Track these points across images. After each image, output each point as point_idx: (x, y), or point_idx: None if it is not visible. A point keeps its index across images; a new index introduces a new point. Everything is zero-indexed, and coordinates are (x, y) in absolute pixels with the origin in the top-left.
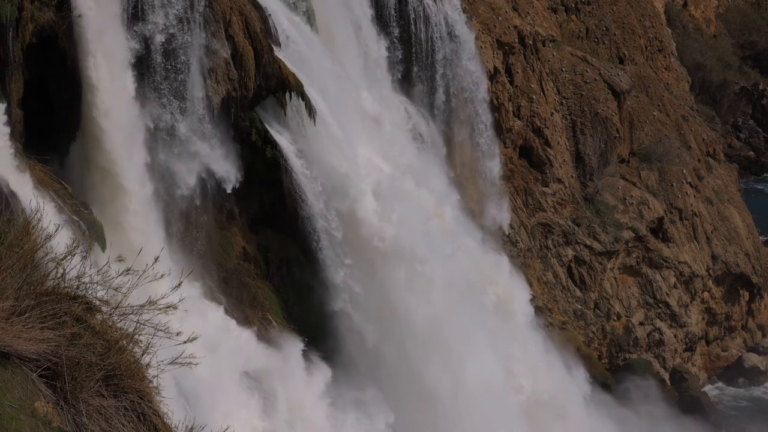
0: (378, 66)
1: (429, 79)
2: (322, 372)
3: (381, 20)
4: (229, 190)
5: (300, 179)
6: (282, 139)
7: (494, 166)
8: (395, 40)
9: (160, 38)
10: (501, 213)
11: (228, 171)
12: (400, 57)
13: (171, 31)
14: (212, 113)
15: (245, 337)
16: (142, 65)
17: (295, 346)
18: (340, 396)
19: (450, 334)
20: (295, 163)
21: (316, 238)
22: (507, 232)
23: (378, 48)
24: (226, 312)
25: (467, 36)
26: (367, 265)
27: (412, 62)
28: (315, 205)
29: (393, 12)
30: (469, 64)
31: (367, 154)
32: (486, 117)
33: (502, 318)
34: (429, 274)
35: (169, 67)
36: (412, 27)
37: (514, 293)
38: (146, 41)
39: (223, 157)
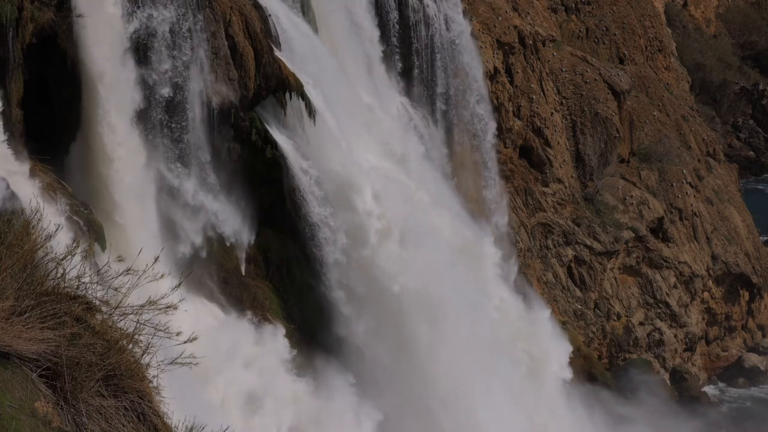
0: (391, 101)
1: (429, 114)
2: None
3: (386, 53)
4: (242, 265)
5: (318, 224)
6: (282, 138)
7: (502, 223)
8: (398, 72)
9: (166, 90)
10: (509, 270)
11: (238, 231)
12: (402, 90)
13: (176, 80)
14: (219, 175)
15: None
16: (148, 120)
17: (344, 382)
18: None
19: (475, 394)
20: (303, 179)
21: (327, 282)
22: (515, 291)
23: (389, 86)
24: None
25: (476, 72)
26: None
27: (413, 95)
28: (331, 254)
29: (396, 38)
30: (478, 107)
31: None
32: (495, 169)
33: (535, 379)
34: (455, 329)
35: (174, 125)
36: (414, 58)
37: (551, 353)
38: (151, 91)
39: (232, 217)
